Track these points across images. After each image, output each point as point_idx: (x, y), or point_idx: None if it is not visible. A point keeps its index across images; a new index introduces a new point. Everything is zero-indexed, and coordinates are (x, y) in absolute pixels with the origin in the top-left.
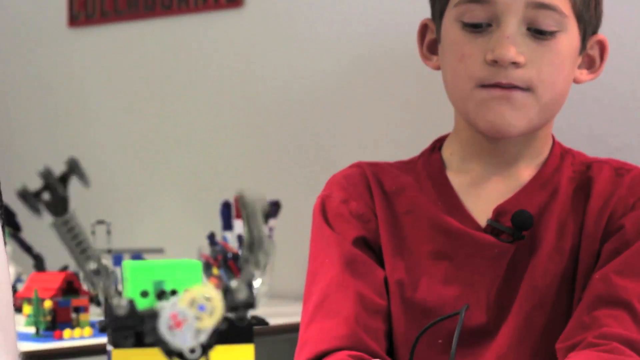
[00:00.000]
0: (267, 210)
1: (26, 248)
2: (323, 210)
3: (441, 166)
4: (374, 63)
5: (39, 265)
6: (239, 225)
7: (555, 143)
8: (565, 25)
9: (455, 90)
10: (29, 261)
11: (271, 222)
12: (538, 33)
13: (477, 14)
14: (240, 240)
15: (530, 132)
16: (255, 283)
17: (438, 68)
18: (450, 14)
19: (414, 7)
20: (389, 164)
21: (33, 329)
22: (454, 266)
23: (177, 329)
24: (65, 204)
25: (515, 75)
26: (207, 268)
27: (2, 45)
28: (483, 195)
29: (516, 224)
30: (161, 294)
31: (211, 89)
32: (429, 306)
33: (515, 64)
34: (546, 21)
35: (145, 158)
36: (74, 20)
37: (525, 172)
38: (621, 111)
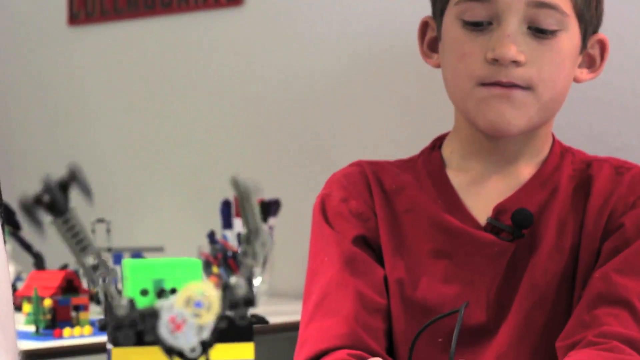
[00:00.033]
0: (261, 196)
1: (26, 246)
2: (323, 209)
3: (441, 165)
4: (373, 62)
5: (39, 263)
6: (238, 224)
7: (555, 141)
8: (566, 24)
9: (455, 89)
10: (29, 260)
11: (271, 221)
12: (539, 32)
13: (478, 13)
14: (240, 238)
15: (530, 131)
16: (255, 281)
17: (438, 66)
18: (451, 12)
19: (414, 6)
20: (388, 163)
21: (33, 328)
22: (454, 265)
23: (178, 331)
24: (65, 206)
25: (515, 74)
26: (207, 266)
27: (2, 43)
28: (483, 193)
29: (516, 222)
30: (161, 293)
31: (211, 88)
32: (429, 305)
33: (515, 62)
34: (547, 20)
35: (145, 156)
36: (74, 18)
37: (525, 171)
38: (621, 110)
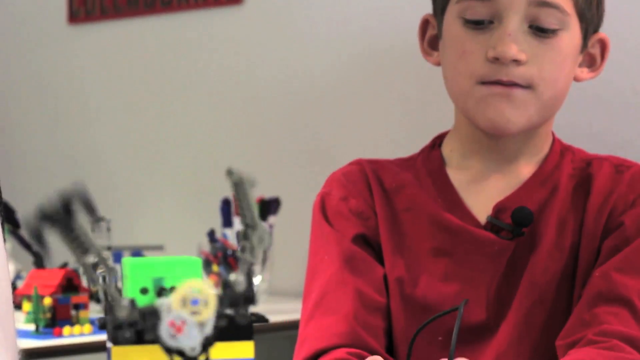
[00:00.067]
0: (257, 190)
1: (26, 245)
2: (322, 207)
3: (441, 163)
4: (373, 60)
5: (39, 262)
6: (238, 222)
7: (555, 140)
8: (567, 23)
9: (455, 87)
10: (29, 258)
11: (271, 220)
12: (540, 31)
13: (479, 11)
14: (239, 235)
15: (530, 130)
16: (255, 280)
17: (439, 64)
18: (452, 10)
19: (414, 5)
20: (388, 161)
21: (33, 326)
22: (454, 263)
23: (180, 333)
24: (72, 225)
25: (516, 73)
26: (207, 265)
27: (2, 42)
28: (483, 192)
29: (516, 220)
30: (161, 291)
31: (211, 86)
32: (428, 303)
33: (516, 61)
34: (548, 19)
35: (145, 155)
36: (74, 17)
37: (525, 169)
38: (621, 108)
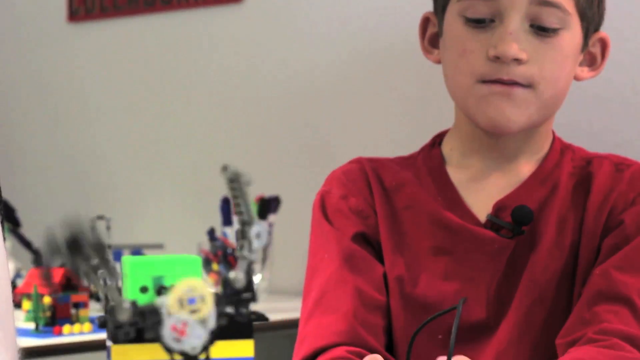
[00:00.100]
0: (253, 188)
1: (25, 244)
2: (322, 206)
3: (441, 161)
4: (373, 58)
5: (39, 260)
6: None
7: (555, 139)
8: (569, 22)
9: (455, 85)
10: (29, 257)
11: (271, 218)
12: (541, 30)
13: (481, 10)
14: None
15: (530, 129)
16: (255, 278)
17: (439, 62)
18: (453, 8)
19: (414, 3)
20: (388, 160)
21: (32, 325)
22: (454, 261)
23: (184, 336)
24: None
25: (517, 72)
26: (207, 264)
27: (2, 40)
28: (483, 190)
29: (516, 219)
30: (160, 290)
31: (211, 85)
32: (428, 302)
33: (517, 60)
34: (549, 18)
35: (145, 153)
36: (74, 15)
37: (526, 168)
38: (621, 107)
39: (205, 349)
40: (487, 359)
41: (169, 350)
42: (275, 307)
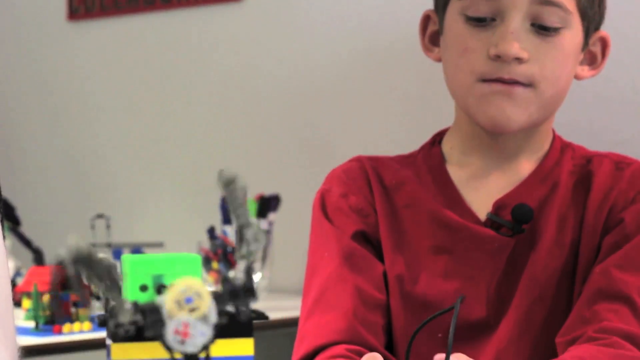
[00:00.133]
0: (248, 193)
1: (25, 242)
2: (322, 204)
3: (441, 160)
4: (373, 57)
5: (38, 259)
6: None
7: (555, 137)
8: (570, 22)
9: (456, 84)
10: (28, 255)
11: (271, 217)
12: (542, 29)
13: (482, 8)
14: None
15: (531, 127)
16: (255, 276)
17: (439, 60)
18: (454, 6)
19: (414, 1)
20: (388, 158)
21: (32, 323)
22: (454, 260)
23: (188, 337)
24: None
25: (517, 71)
26: (207, 262)
27: (2, 39)
28: (483, 189)
29: (516, 217)
30: (160, 288)
31: (211, 83)
32: (428, 300)
33: (518, 59)
34: (551, 18)
35: (144, 152)
36: (74, 14)
37: (526, 166)
38: (621, 106)
39: (206, 347)
40: (487, 358)
41: (169, 347)
42: (275, 306)
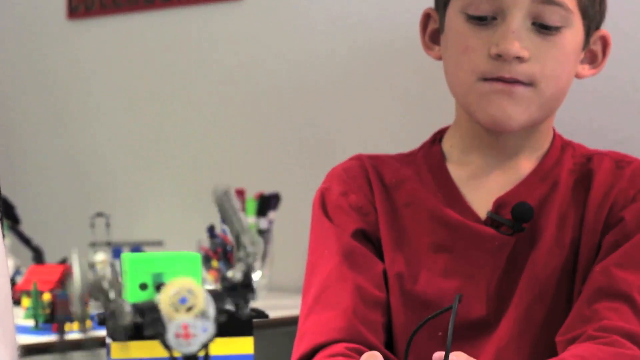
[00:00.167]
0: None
1: (25, 241)
2: (322, 202)
3: (441, 158)
4: (374, 55)
5: (38, 257)
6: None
7: (556, 136)
8: (571, 21)
9: (456, 82)
10: (28, 254)
11: (271, 215)
12: (543, 28)
13: (483, 7)
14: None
15: (531, 126)
16: (255, 275)
17: (440, 58)
18: (455, 5)
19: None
20: (389, 157)
21: (32, 322)
22: (454, 258)
23: (189, 338)
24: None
25: (518, 70)
26: (207, 261)
27: (2, 38)
28: (483, 187)
29: (516, 216)
30: (160, 287)
31: (211, 82)
32: (428, 299)
33: (519, 58)
34: (552, 17)
35: (144, 150)
36: (73, 12)
37: (526, 165)
38: (622, 104)
39: (205, 346)
40: (488, 356)
41: (169, 346)
42: (275, 304)
